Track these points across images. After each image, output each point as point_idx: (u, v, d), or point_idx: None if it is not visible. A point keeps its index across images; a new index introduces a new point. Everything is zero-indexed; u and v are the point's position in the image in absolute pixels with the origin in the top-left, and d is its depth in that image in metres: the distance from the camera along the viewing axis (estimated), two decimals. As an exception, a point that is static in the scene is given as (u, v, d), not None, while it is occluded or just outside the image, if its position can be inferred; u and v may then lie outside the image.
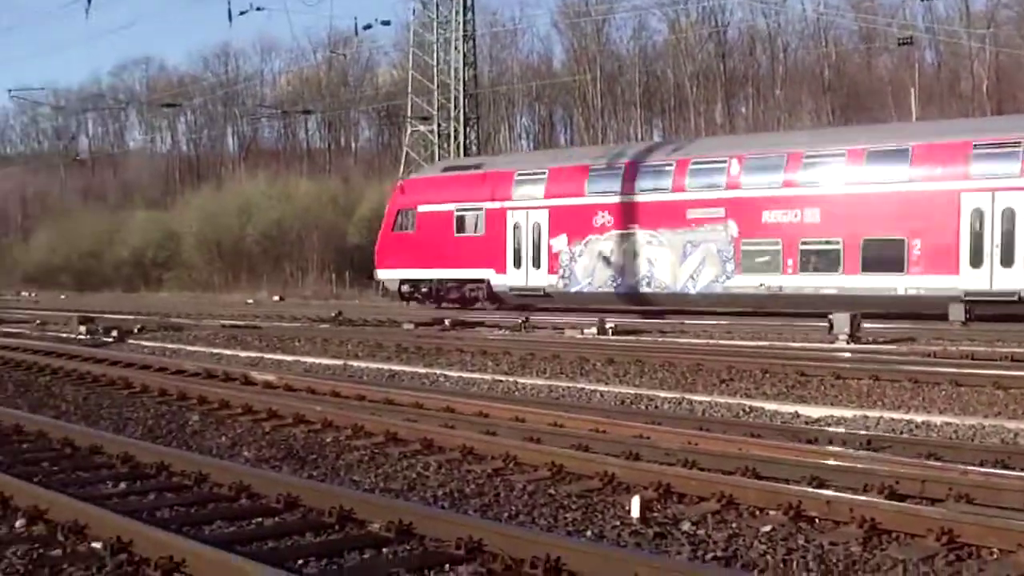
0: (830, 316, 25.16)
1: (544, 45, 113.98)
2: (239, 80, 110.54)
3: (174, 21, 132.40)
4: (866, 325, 25.85)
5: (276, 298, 57.06)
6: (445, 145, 61.71)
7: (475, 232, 43.84)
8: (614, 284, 40.11)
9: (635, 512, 8.95)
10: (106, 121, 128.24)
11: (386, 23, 60.38)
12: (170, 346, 26.62)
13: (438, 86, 62.10)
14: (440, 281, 44.95)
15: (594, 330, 27.21)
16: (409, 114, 65.85)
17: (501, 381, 18.86)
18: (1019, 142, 32.01)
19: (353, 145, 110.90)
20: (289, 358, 23.23)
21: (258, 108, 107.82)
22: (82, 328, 30.00)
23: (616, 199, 39.88)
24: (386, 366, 21.31)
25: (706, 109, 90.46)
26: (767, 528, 8.49)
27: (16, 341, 27.13)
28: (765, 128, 75.53)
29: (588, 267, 40.69)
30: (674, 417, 14.27)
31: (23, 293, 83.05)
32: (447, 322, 30.64)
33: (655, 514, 9.03)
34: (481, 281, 43.73)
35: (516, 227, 42.67)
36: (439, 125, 62.08)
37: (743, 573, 7.48)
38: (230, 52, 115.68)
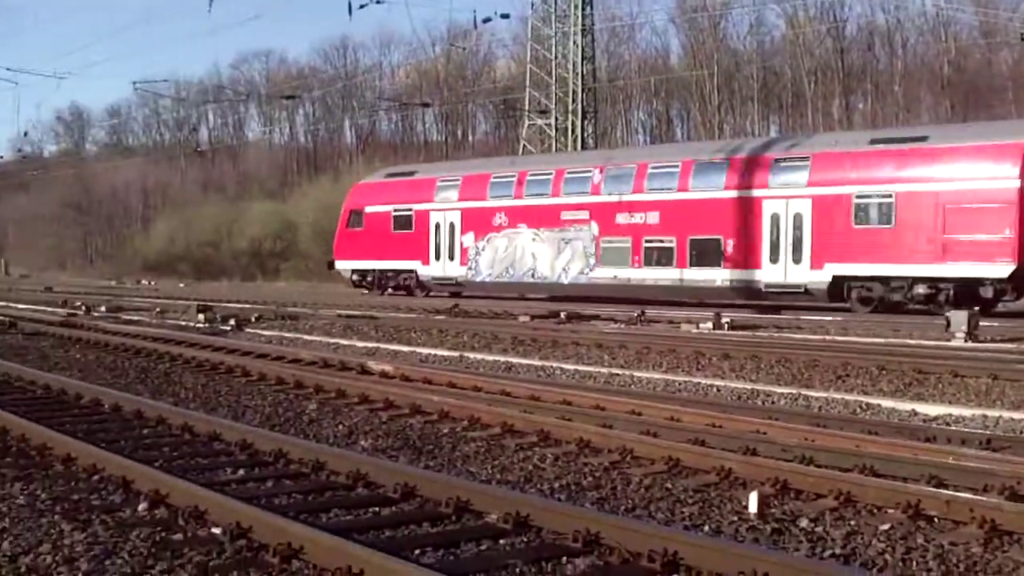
0: (947, 314, 24.84)
1: (661, 40, 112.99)
2: (358, 73, 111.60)
3: (295, 15, 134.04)
4: (985, 323, 25.34)
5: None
6: (562, 139, 61.63)
7: (408, 229, 51.24)
8: (508, 274, 47.62)
9: (752, 507, 8.87)
10: (226, 113, 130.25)
11: (505, 16, 60.25)
12: (287, 335, 26.88)
13: (556, 80, 62.02)
14: (381, 271, 52.83)
15: (710, 325, 26.98)
16: (526, 107, 65.86)
17: (617, 375, 18.76)
18: (808, 157, 38.33)
19: (470, 138, 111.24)
20: (405, 348, 23.33)
21: (376, 100, 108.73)
22: (201, 317, 30.42)
23: (510, 202, 47.48)
24: (502, 358, 21.30)
25: (823, 105, 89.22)
26: (886, 526, 8.35)
27: (136, 328, 27.62)
28: (884, 124, 74.13)
29: (489, 260, 48.25)
30: (790, 413, 14.08)
31: (143, 281, 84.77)
32: (563, 315, 30.56)
33: (772, 510, 8.95)
34: (411, 271, 51.47)
35: (437, 226, 50.30)
36: (556, 119, 62.00)
37: (862, 571, 7.36)
38: (349, 45, 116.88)
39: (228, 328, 28.56)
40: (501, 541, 8.01)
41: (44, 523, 8.39)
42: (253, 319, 30.99)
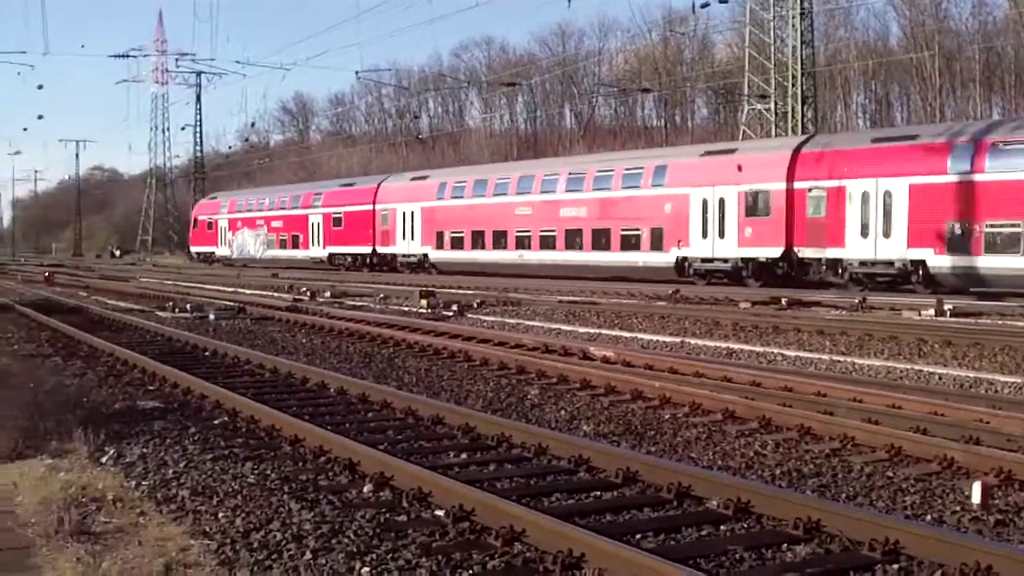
0: None
1: (880, 22, 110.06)
2: (577, 59, 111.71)
3: (514, 2, 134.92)
4: None
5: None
6: (781, 124, 60.66)
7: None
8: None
9: (976, 498, 8.66)
10: (447, 100, 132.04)
11: (723, 1, 59.38)
12: (509, 320, 27.05)
13: (775, 64, 61.07)
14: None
15: (932, 312, 26.21)
16: (745, 93, 65.03)
17: (839, 361, 18.40)
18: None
19: (689, 123, 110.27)
20: (627, 334, 23.24)
21: (595, 86, 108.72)
22: (423, 302, 30.82)
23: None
24: (723, 344, 21.06)
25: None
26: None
27: (360, 314, 28.15)
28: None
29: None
30: (1015, 402, 13.58)
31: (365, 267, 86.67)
32: (784, 301, 30.06)
33: (996, 501, 8.71)
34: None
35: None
36: (775, 104, 61.05)
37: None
38: (568, 32, 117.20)
39: (451, 314, 28.88)
40: (722, 527, 7.95)
41: (273, 501, 8.59)
42: (475, 305, 31.29)
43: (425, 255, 61.03)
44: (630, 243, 47.89)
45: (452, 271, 56.84)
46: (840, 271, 40.05)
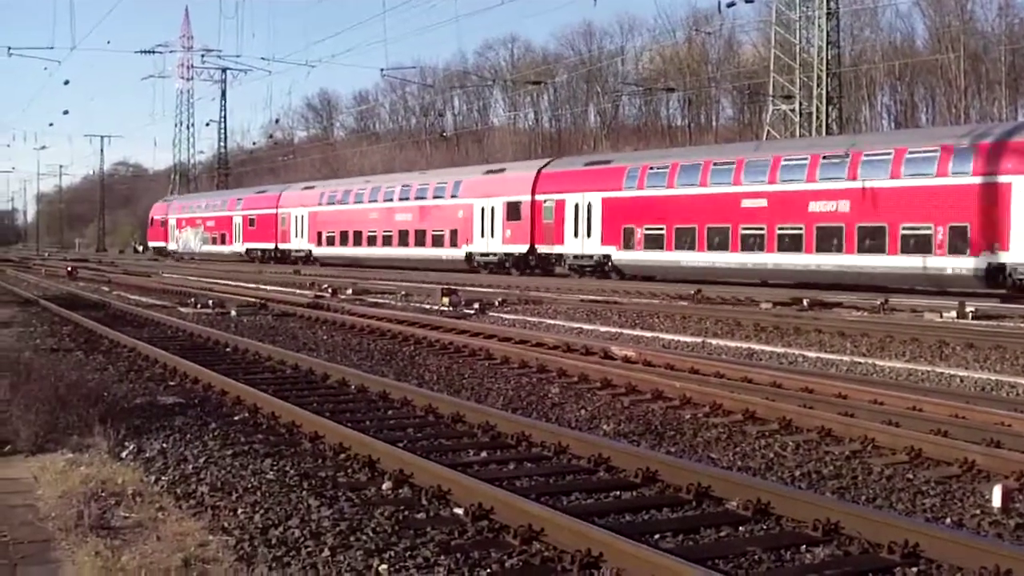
0: None
1: (905, 23, 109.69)
2: (601, 58, 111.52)
3: (539, 1, 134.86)
4: None
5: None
6: (806, 124, 60.50)
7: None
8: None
9: (996, 501, 8.64)
10: (471, 99, 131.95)
11: (749, 0, 59.23)
12: (530, 319, 27.05)
13: (800, 64, 60.91)
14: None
15: (953, 314, 26.09)
16: (770, 93, 64.88)
17: (859, 363, 18.36)
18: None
19: (714, 123, 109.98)
20: (648, 334, 23.21)
21: (620, 85, 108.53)
22: (445, 300, 30.83)
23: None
24: (744, 345, 21.02)
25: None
26: None
27: (381, 311, 28.17)
28: None
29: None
30: (1037, 405, 13.48)
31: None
32: (805, 302, 29.97)
33: (1017, 504, 8.69)
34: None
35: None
36: (800, 104, 60.89)
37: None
38: (593, 31, 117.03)
39: (472, 312, 28.88)
40: (741, 528, 7.94)
41: (293, 498, 8.60)
42: (497, 303, 31.29)
43: (310, 251, 73.39)
44: (439, 241, 59.91)
45: (331, 264, 68.18)
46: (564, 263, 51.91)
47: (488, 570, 6.90)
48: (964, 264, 35.96)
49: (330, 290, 37.55)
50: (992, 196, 35.22)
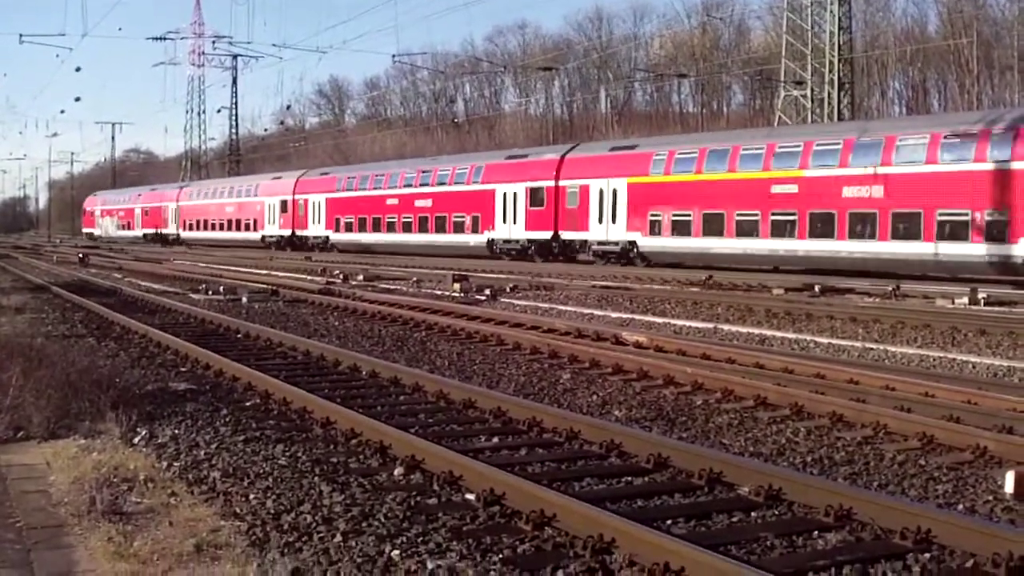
0: None
1: (918, 9, 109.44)
2: (613, 44, 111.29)
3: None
4: None
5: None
6: (818, 110, 60.35)
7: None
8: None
9: (1009, 487, 8.62)
10: (482, 85, 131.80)
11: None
12: (542, 305, 27.02)
13: (812, 50, 60.72)
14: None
15: (965, 300, 26.03)
16: (782, 78, 64.72)
17: (871, 349, 18.32)
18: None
19: (725, 109, 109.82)
20: (659, 320, 23.19)
21: (631, 71, 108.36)
22: (456, 286, 30.83)
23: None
24: (756, 330, 20.99)
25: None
26: None
27: (393, 297, 28.18)
28: None
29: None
30: (1049, 391, 13.44)
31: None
32: (817, 288, 29.92)
33: (1029, 490, 8.63)
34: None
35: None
36: (812, 90, 60.72)
37: None
38: (604, 16, 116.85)
39: (483, 298, 28.86)
40: (753, 514, 7.93)
41: (305, 484, 8.60)
42: (508, 289, 31.27)
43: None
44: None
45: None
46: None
47: (500, 556, 6.89)
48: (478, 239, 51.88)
49: (341, 276, 37.56)
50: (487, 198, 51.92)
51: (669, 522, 7.63)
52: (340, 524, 7.50)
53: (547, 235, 52.89)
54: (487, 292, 29.65)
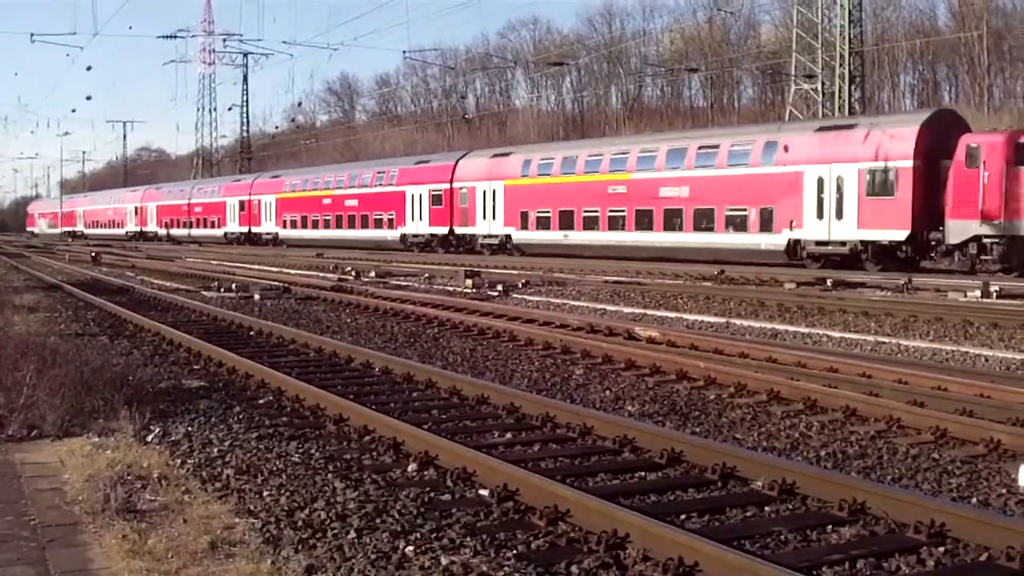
0: None
1: (928, 2, 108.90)
2: (623, 39, 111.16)
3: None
4: None
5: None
6: (828, 104, 60.22)
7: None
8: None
9: (1022, 481, 8.59)
10: (493, 81, 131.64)
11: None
12: (554, 300, 27.00)
13: (822, 44, 60.61)
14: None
15: (978, 293, 25.95)
16: (792, 72, 64.60)
17: (884, 342, 18.28)
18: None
19: (736, 104, 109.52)
20: (671, 315, 23.15)
21: (642, 66, 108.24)
22: (468, 282, 30.84)
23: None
24: (768, 325, 20.95)
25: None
26: None
27: (405, 294, 28.18)
28: None
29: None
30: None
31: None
32: (829, 282, 29.86)
33: (1042, 483, 8.61)
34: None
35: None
36: (823, 84, 60.60)
37: None
38: (614, 12, 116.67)
39: (496, 294, 28.87)
40: (766, 508, 7.93)
41: (318, 480, 8.61)
42: (520, 285, 31.27)
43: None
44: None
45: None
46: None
47: (514, 551, 6.89)
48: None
49: (353, 273, 37.60)
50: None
51: (683, 517, 7.62)
52: (354, 521, 7.50)
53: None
54: (499, 288, 29.65)
